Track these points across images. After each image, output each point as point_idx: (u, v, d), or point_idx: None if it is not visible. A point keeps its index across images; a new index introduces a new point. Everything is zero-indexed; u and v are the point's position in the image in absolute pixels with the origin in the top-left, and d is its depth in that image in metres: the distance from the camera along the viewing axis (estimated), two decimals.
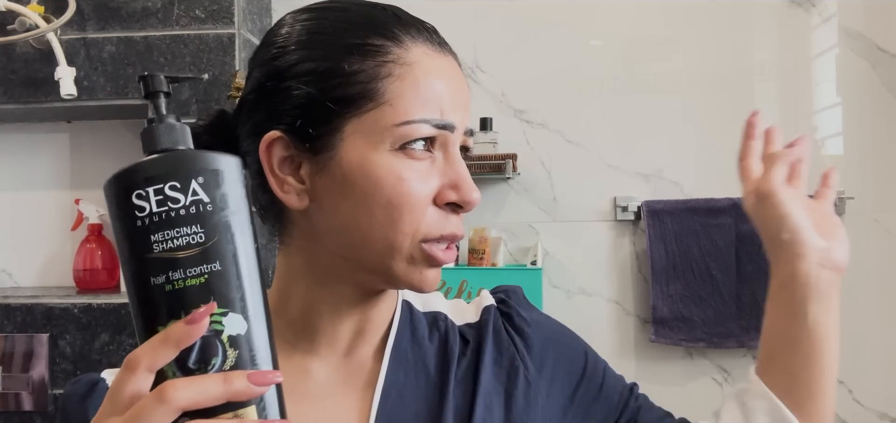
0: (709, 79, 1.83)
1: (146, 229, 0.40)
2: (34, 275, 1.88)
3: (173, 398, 0.37)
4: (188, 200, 0.41)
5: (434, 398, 0.60)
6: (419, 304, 0.67)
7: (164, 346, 0.39)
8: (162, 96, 0.46)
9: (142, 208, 0.40)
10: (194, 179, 0.41)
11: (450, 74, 0.56)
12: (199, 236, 0.40)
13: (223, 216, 0.42)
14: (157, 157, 0.42)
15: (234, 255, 0.41)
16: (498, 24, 1.87)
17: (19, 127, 1.86)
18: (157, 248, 0.40)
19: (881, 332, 1.79)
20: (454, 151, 0.56)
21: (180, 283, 0.40)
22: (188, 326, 0.39)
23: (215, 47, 1.58)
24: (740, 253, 1.75)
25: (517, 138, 1.86)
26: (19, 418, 1.59)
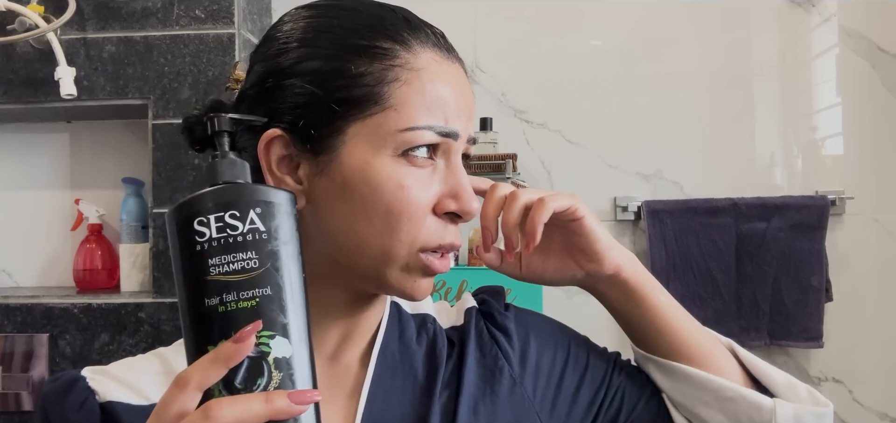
0: (709, 79, 1.83)
1: (205, 253, 0.43)
2: (34, 275, 1.87)
3: (218, 417, 0.38)
4: (246, 228, 0.43)
5: (421, 401, 0.59)
6: (408, 305, 0.66)
7: (214, 365, 0.40)
8: (225, 135, 0.48)
9: (202, 234, 0.43)
10: (252, 210, 0.44)
11: (456, 81, 0.56)
12: (253, 261, 0.43)
13: (275, 245, 0.44)
14: (220, 187, 0.45)
15: (282, 281, 0.44)
16: (498, 24, 1.87)
17: (19, 127, 1.86)
18: (214, 271, 0.43)
19: (881, 332, 1.79)
20: (456, 159, 0.56)
21: (233, 305, 0.42)
22: (236, 344, 0.40)
23: (215, 47, 1.58)
24: (740, 253, 1.75)
25: (517, 138, 1.86)
26: (19, 418, 1.59)
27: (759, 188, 1.80)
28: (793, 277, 1.73)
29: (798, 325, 1.73)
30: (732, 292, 1.75)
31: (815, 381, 1.80)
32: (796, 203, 1.73)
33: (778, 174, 1.84)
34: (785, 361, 1.79)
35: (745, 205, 1.74)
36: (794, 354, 1.80)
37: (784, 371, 0.66)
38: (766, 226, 1.74)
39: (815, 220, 1.73)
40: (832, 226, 1.77)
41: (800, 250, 1.73)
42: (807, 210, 1.73)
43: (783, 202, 1.74)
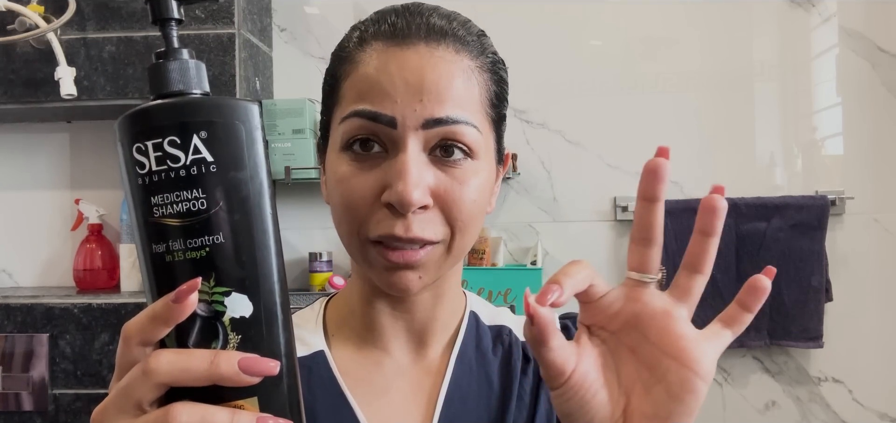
0: (709, 79, 1.83)
1: (147, 189, 0.35)
2: (34, 275, 1.87)
3: (155, 370, 0.35)
4: (189, 158, 0.35)
5: (495, 410, 0.59)
6: (486, 317, 0.66)
7: (153, 323, 0.35)
8: (172, 24, 0.38)
9: (142, 165, 0.35)
10: (196, 134, 0.35)
11: (400, 64, 0.52)
12: (200, 201, 0.35)
13: (230, 179, 0.35)
14: (159, 104, 0.36)
15: (241, 225, 0.36)
16: (498, 25, 1.87)
17: (19, 127, 1.86)
18: (157, 212, 0.35)
19: (881, 332, 1.79)
20: (402, 145, 0.51)
21: (180, 255, 0.35)
22: (173, 304, 0.34)
23: (215, 47, 1.58)
24: (740, 253, 1.75)
25: (517, 138, 1.86)
26: (19, 418, 1.59)
27: (759, 188, 1.80)
28: (793, 277, 1.73)
29: (798, 325, 1.73)
30: (732, 292, 1.72)
31: (815, 381, 1.80)
32: (796, 203, 1.73)
33: (778, 174, 1.84)
34: (785, 361, 1.80)
35: (745, 205, 1.74)
36: (794, 354, 1.80)
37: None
38: (766, 226, 1.74)
39: (815, 220, 1.73)
40: (832, 226, 1.77)
41: (800, 249, 1.73)
42: (807, 210, 1.73)
43: (783, 202, 1.74)
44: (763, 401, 1.80)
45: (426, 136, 0.52)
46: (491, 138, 0.57)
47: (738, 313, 0.42)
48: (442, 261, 0.54)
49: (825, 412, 1.79)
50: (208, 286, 0.35)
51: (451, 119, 0.52)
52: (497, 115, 0.58)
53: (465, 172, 0.53)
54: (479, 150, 0.54)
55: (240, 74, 1.60)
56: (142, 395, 0.35)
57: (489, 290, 1.70)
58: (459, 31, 0.55)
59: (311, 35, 1.89)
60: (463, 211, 0.53)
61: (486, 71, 0.56)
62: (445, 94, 0.52)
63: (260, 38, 1.78)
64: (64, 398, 1.58)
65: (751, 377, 1.80)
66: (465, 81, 0.53)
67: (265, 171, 0.37)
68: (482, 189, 0.55)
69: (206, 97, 0.37)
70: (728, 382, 1.80)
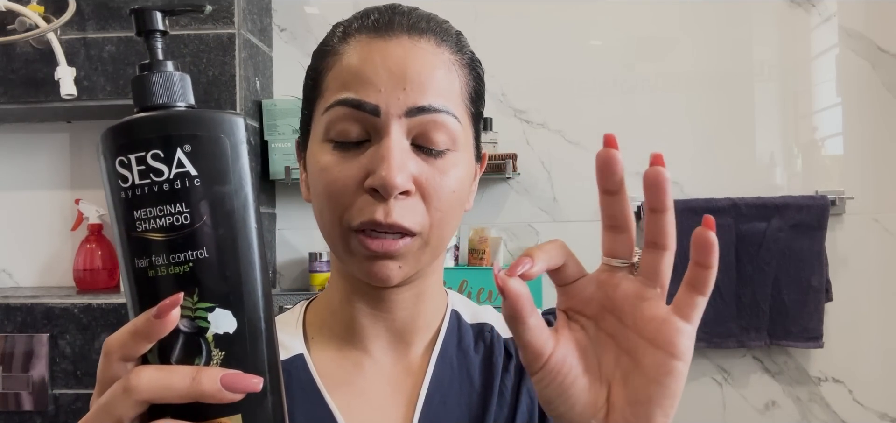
0: (709, 79, 1.83)
1: (130, 203, 0.35)
2: (34, 275, 1.87)
3: (136, 387, 0.34)
4: (172, 172, 0.34)
5: (476, 407, 0.59)
6: (467, 315, 0.66)
7: (134, 338, 0.35)
8: (157, 36, 0.38)
9: (125, 178, 0.35)
10: (180, 147, 0.35)
11: (383, 54, 0.53)
12: (184, 216, 0.34)
13: (214, 193, 0.35)
14: (142, 117, 0.36)
15: (225, 240, 0.35)
16: (498, 24, 1.87)
17: (19, 127, 1.86)
18: (139, 226, 0.35)
19: (881, 332, 1.79)
20: (385, 133, 0.52)
21: (163, 269, 0.35)
22: (154, 319, 0.34)
23: (215, 47, 1.58)
24: (740, 253, 1.75)
25: (517, 138, 1.86)
26: (19, 418, 1.59)
27: (759, 188, 1.80)
28: (793, 277, 1.73)
29: (798, 325, 1.73)
30: (732, 292, 1.75)
31: (815, 381, 1.80)
32: (796, 203, 1.73)
33: (778, 174, 1.84)
34: (785, 361, 1.79)
35: (745, 205, 1.74)
36: (794, 354, 1.80)
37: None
38: (766, 226, 1.74)
39: (815, 220, 1.73)
40: (832, 226, 1.77)
41: (800, 249, 1.73)
42: (807, 210, 1.73)
43: (783, 202, 1.74)
44: (763, 401, 1.80)
45: (409, 124, 0.52)
46: (470, 133, 0.58)
47: (698, 273, 0.42)
48: (421, 253, 0.55)
49: (825, 412, 1.79)
50: (192, 302, 0.35)
51: (434, 107, 0.53)
52: (476, 110, 0.60)
53: (446, 162, 0.54)
54: (459, 141, 0.55)
55: (240, 74, 1.60)
56: (122, 412, 0.35)
57: (489, 290, 1.70)
58: (438, 29, 0.57)
59: (311, 35, 1.89)
60: (443, 201, 0.53)
61: (465, 66, 0.58)
62: (428, 83, 0.53)
63: (260, 39, 1.78)
64: (64, 398, 1.58)
65: (751, 377, 1.80)
66: (447, 72, 0.55)
67: (250, 184, 0.37)
68: (462, 181, 0.56)
69: (190, 110, 0.37)
70: (728, 382, 1.80)
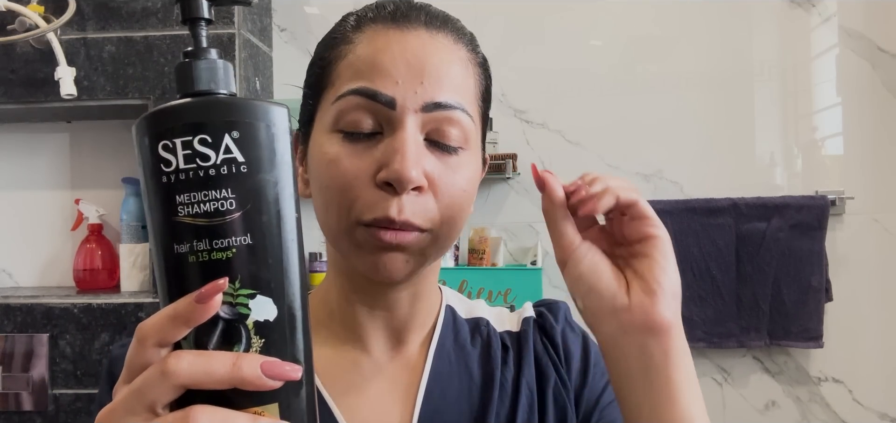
0: (709, 79, 1.83)
1: (172, 188, 0.34)
2: (34, 275, 1.87)
3: (174, 372, 0.34)
4: (220, 158, 0.34)
5: (477, 400, 0.59)
6: (462, 310, 0.66)
7: (173, 323, 0.35)
8: (202, 24, 0.39)
9: (168, 162, 0.34)
10: (228, 134, 0.35)
11: (400, 46, 0.52)
12: (229, 202, 0.34)
13: (259, 181, 0.35)
14: (189, 102, 0.36)
15: (268, 227, 0.35)
16: (498, 24, 1.87)
17: (19, 127, 1.86)
18: (182, 211, 0.34)
19: (881, 332, 1.79)
20: (399, 126, 0.51)
21: (205, 255, 0.34)
22: (196, 304, 0.34)
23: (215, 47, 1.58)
24: (740, 253, 1.75)
25: (517, 138, 1.86)
26: (19, 418, 1.59)
27: (759, 188, 1.80)
28: (793, 277, 1.73)
29: (798, 325, 1.73)
30: (732, 292, 1.75)
31: (815, 381, 1.80)
32: (796, 203, 1.73)
33: (778, 174, 1.84)
34: (785, 361, 1.80)
35: (745, 205, 1.74)
36: (794, 354, 1.80)
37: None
38: (766, 226, 1.74)
39: (815, 220, 1.73)
40: (832, 226, 1.77)
41: (800, 250, 1.73)
42: (807, 210, 1.73)
43: (783, 202, 1.74)
44: (763, 401, 1.80)
45: (424, 119, 0.52)
46: (479, 134, 0.58)
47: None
48: (428, 250, 0.54)
49: (825, 412, 1.79)
50: (233, 288, 0.35)
51: (451, 104, 0.52)
52: (485, 112, 0.60)
53: (458, 159, 0.54)
54: (471, 139, 0.55)
55: (240, 74, 1.60)
56: (157, 396, 0.34)
57: (489, 290, 1.70)
58: (455, 26, 0.57)
59: (311, 35, 1.89)
60: (454, 199, 0.53)
61: (479, 66, 0.58)
62: (445, 79, 0.52)
63: (260, 39, 1.78)
64: (64, 398, 1.58)
65: (751, 377, 1.80)
66: (463, 69, 0.54)
67: (292, 173, 0.37)
68: (471, 181, 0.55)
69: (237, 97, 0.37)
70: (728, 382, 1.80)
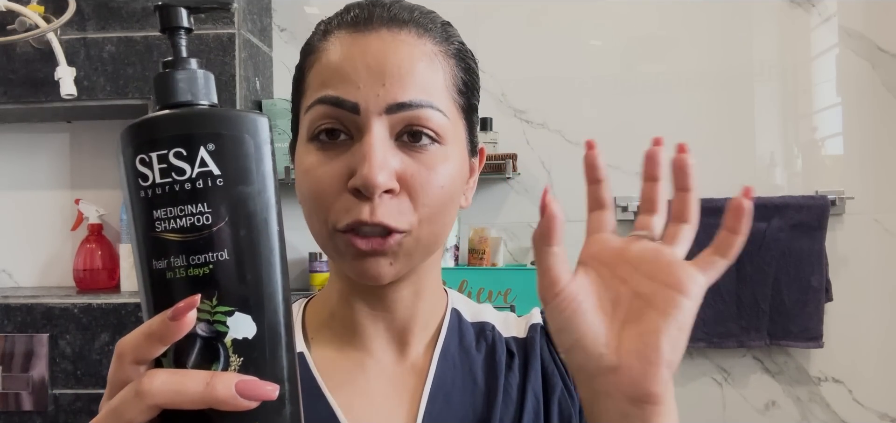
0: (709, 79, 1.83)
1: (149, 202, 0.34)
2: (34, 275, 1.87)
3: (148, 391, 0.33)
4: (195, 171, 0.34)
5: (481, 406, 0.58)
6: (468, 314, 0.65)
7: (149, 340, 0.34)
8: (181, 33, 0.37)
9: (145, 177, 0.34)
10: (203, 146, 0.34)
11: (362, 49, 0.52)
12: (205, 216, 0.34)
13: (237, 194, 0.34)
14: (164, 114, 0.35)
15: (247, 242, 0.35)
16: (498, 24, 1.87)
17: (19, 127, 1.86)
18: (159, 226, 0.34)
19: (881, 332, 1.79)
20: (366, 130, 0.51)
21: (182, 271, 0.34)
22: (170, 322, 0.33)
23: (215, 47, 1.58)
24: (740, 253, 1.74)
25: (517, 138, 1.86)
26: (19, 418, 1.59)
27: (759, 188, 1.80)
28: (793, 277, 1.73)
29: (798, 325, 1.73)
30: (732, 292, 1.75)
31: (815, 381, 1.80)
32: (796, 203, 1.73)
33: (778, 174, 1.84)
34: (785, 361, 1.80)
35: None
36: (794, 354, 1.80)
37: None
38: (766, 226, 1.74)
39: (815, 220, 1.73)
40: (832, 226, 1.77)
41: (800, 250, 1.73)
42: (807, 210, 1.73)
43: (783, 202, 1.74)
44: (763, 401, 1.80)
45: (391, 121, 0.51)
46: (460, 126, 0.56)
47: (726, 237, 0.43)
48: (413, 250, 0.53)
49: (825, 412, 1.79)
50: (210, 305, 0.34)
51: (415, 103, 0.51)
52: (466, 103, 0.57)
53: (433, 157, 0.52)
54: (446, 135, 0.53)
55: (240, 74, 1.60)
56: (132, 416, 0.34)
57: (489, 290, 1.70)
58: (421, 19, 0.55)
59: None
60: (430, 197, 0.52)
61: (452, 57, 0.56)
62: (408, 78, 0.51)
63: (260, 39, 1.78)
64: (64, 398, 1.58)
65: (751, 377, 1.80)
66: (429, 64, 0.53)
67: (273, 186, 0.36)
68: (452, 177, 0.54)
69: (214, 109, 0.36)
70: (728, 382, 1.80)
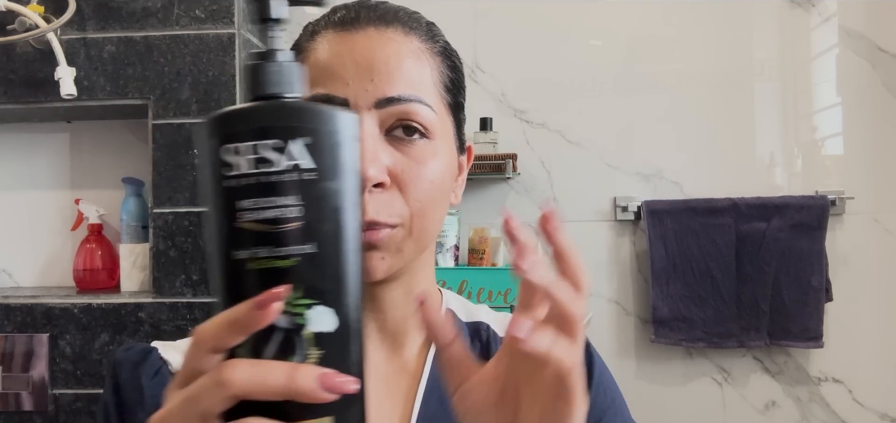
0: (709, 79, 1.83)
1: (233, 192, 0.34)
2: (34, 275, 1.87)
3: (229, 381, 0.33)
4: (285, 164, 0.34)
5: None
6: (463, 314, 0.65)
7: (230, 329, 0.34)
8: (272, 24, 0.37)
9: (230, 166, 0.34)
10: (295, 140, 0.34)
11: (347, 47, 0.53)
12: (295, 209, 0.34)
13: (325, 189, 0.34)
14: (256, 106, 0.35)
15: (331, 237, 0.34)
16: (498, 24, 1.87)
17: (19, 127, 1.86)
18: (243, 216, 0.33)
19: (881, 332, 1.79)
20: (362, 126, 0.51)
21: (265, 262, 0.34)
22: (254, 311, 0.33)
23: (215, 47, 1.58)
24: (740, 253, 1.75)
25: (517, 138, 1.86)
26: (19, 418, 1.59)
27: (759, 188, 1.80)
28: (793, 277, 1.73)
29: (798, 325, 1.73)
30: (732, 292, 1.75)
31: (815, 381, 1.80)
32: (796, 203, 1.73)
33: (778, 174, 1.84)
34: (785, 361, 1.79)
35: (745, 205, 1.74)
36: (794, 354, 1.80)
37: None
38: (766, 226, 1.74)
39: (815, 220, 1.73)
40: (832, 226, 1.77)
41: (800, 250, 1.73)
42: (807, 210, 1.73)
43: (783, 202, 1.74)
44: (763, 401, 1.80)
45: (380, 116, 0.52)
46: (448, 123, 0.57)
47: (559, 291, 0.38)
48: (404, 245, 0.53)
49: (825, 412, 1.79)
50: (292, 297, 0.34)
51: (404, 97, 0.52)
52: (454, 101, 0.58)
53: (422, 151, 0.53)
54: (435, 130, 0.54)
55: (240, 74, 1.60)
56: (211, 406, 0.33)
57: (489, 290, 1.70)
58: (407, 19, 0.56)
59: None
60: (421, 190, 0.52)
61: (438, 55, 0.56)
62: (396, 73, 0.52)
63: (260, 38, 1.78)
64: (64, 398, 1.58)
65: (751, 377, 1.80)
66: (416, 61, 0.54)
67: (357, 182, 0.36)
68: (442, 172, 0.54)
69: (307, 103, 0.36)
70: (728, 382, 1.80)
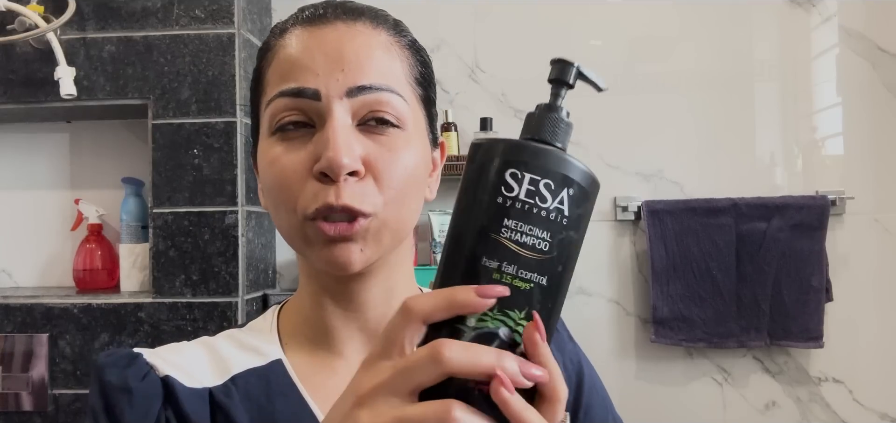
0: (709, 79, 1.83)
1: (504, 210, 0.38)
2: (34, 275, 1.87)
3: (447, 359, 0.35)
4: (553, 204, 0.39)
5: None
6: None
7: (447, 302, 0.36)
8: (566, 88, 0.44)
9: (511, 188, 0.38)
10: (567, 189, 0.39)
11: (318, 40, 0.53)
12: (545, 244, 0.39)
13: (570, 236, 0.40)
14: (546, 148, 0.40)
15: (560, 278, 0.40)
16: (498, 24, 1.87)
17: (19, 127, 1.86)
18: (505, 233, 0.38)
19: (881, 332, 1.79)
20: (328, 115, 0.52)
21: (509, 278, 0.38)
22: (477, 297, 0.36)
23: (215, 47, 1.58)
24: (740, 253, 1.75)
25: None
26: (19, 418, 1.59)
27: (759, 188, 1.80)
28: (793, 277, 1.73)
29: (798, 325, 1.73)
30: (732, 292, 1.75)
31: (816, 381, 1.80)
32: (796, 203, 1.73)
33: (778, 174, 1.84)
34: (785, 361, 1.79)
35: (745, 205, 1.74)
36: (794, 354, 1.80)
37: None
38: (767, 226, 1.74)
39: (815, 220, 1.73)
40: (832, 226, 1.77)
41: (800, 250, 1.73)
42: (807, 210, 1.73)
43: (783, 202, 1.74)
44: (763, 401, 1.80)
45: (352, 105, 0.52)
46: (420, 115, 0.57)
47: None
48: (380, 235, 0.53)
49: (825, 412, 1.79)
50: (517, 316, 0.38)
51: (375, 86, 0.53)
52: (425, 94, 0.59)
53: (395, 140, 0.53)
54: (407, 121, 0.54)
55: (240, 74, 1.60)
56: (423, 380, 0.35)
57: None
58: (375, 13, 0.57)
59: None
60: (395, 178, 0.53)
61: (406, 48, 0.57)
62: (366, 63, 0.53)
63: (260, 38, 1.78)
64: (64, 398, 1.58)
65: (751, 377, 1.80)
66: (386, 52, 0.55)
67: (582, 238, 0.41)
68: (415, 162, 0.55)
69: (579, 162, 0.41)
70: (728, 382, 1.80)
